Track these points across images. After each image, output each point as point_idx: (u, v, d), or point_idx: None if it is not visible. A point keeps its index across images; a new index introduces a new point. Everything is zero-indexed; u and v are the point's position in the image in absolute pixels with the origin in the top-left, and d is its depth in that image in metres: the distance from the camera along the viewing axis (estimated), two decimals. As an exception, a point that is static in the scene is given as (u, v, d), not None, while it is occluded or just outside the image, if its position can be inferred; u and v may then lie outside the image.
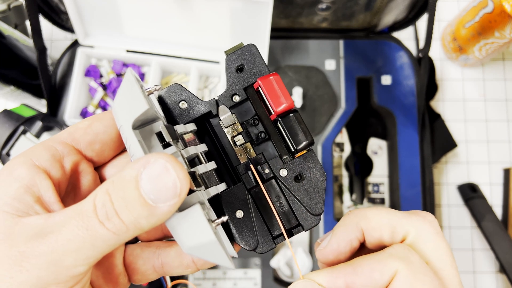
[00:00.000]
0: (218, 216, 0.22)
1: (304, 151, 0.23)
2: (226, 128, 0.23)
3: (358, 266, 0.20)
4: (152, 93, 0.21)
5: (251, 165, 0.23)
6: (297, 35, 0.62)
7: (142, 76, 0.61)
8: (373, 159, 0.64)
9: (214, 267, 0.56)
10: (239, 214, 0.22)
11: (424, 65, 0.56)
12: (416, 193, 0.58)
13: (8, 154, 0.49)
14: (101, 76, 0.61)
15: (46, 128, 0.49)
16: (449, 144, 0.64)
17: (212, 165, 0.22)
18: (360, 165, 0.64)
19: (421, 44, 0.65)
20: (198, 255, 0.19)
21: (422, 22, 0.67)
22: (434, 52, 0.69)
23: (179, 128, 0.22)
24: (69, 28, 0.61)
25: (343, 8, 0.56)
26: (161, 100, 0.23)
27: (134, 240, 0.25)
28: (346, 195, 0.64)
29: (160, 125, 0.20)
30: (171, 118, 0.23)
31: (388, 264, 0.19)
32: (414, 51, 0.68)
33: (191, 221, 0.18)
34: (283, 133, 0.23)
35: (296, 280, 0.21)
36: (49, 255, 0.17)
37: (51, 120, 0.53)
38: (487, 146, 0.67)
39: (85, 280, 0.18)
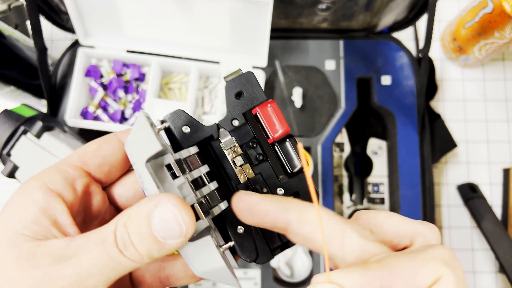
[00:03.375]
0: (224, 236, 0.24)
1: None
2: (226, 150, 0.25)
3: (397, 268, 0.17)
4: (162, 130, 0.23)
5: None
6: (297, 35, 0.62)
7: (142, 76, 0.61)
8: (373, 159, 0.64)
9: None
10: (240, 229, 0.24)
11: (424, 65, 0.56)
12: (416, 193, 0.58)
13: (8, 154, 0.49)
14: (101, 76, 0.61)
15: (47, 128, 0.49)
16: (449, 144, 0.64)
17: (214, 184, 0.24)
18: (360, 165, 0.64)
19: (421, 44, 0.65)
20: (208, 278, 0.21)
21: (422, 22, 0.67)
22: (434, 52, 0.70)
23: (184, 153, 0.23)
24: (69, 28, 0.61)
25: (343, 8, 0.56)
26: (164, 123, 0.25)
27: None
28: (346, 195, 0.64)
29: (171, 160, 0.22)
30: (175, 142, 0.24)
31: (433, 268, 0.17)
32: (414, 51, 0.68)
33: (203, 251, 0.20)
34: (280, 156, 0.24)
35: (319, 282, 0.18)
36: (74, 277, 0.18)
37: (52, 120, 0.53)
38: (487, 146, 0.67)
39: None
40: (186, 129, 0.24)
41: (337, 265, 0.20)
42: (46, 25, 0.58)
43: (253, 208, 0.21)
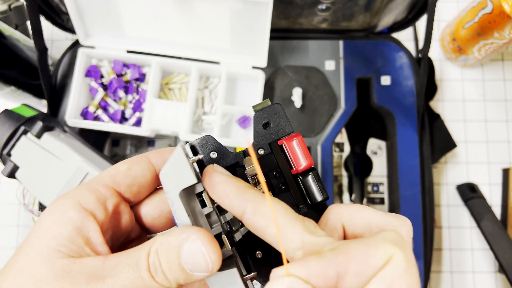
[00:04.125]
0: (242, 259, 0.25)
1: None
2: (250, 177, 0.25)
3: (350, 252, 0.18)
4: (195, 161, 0.24)
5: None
6: (297, 36, 0.62)
7: (142, 76, 0.61)
8: (373, 159, 0.64)
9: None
10: (259, 255, 0.25)
11: (423, 65, 0.56)
12: (415, 193, 0.58)
13: (9, 154, 0.49)
14: (101, 76, 0.61)
15: (47, 128, 0.50)
16: (448, 144, 0.64)
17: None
18: (359, 165, 0.64)
19: (421, 45, 0.65)
20: None
21: (421, 22, 0.68)
22: (434, 53, 0.70)
23: None
24: (69, 29, 0.62)
25: (343, 8, 0.56)
26: (193, 148, 0.26)
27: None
28: (346, 195, 0.64)
29: (201, 190, 0.23)
30: (203, 167, 0.25)
31: (384, 249, 0.18)
32: (413, 52, 0.68)
33: (228, 282, 0.22)
34: (302, 188, 0.26)
35: (278, 276, 0.18)
36: None
37: (52, 120, 0.53)
38: (486, 146, 0.67)
39: None
40: (214, 155, 0.25)
41: (291, 260, 0.20)
42: (46, 26, 0.58)
43: (215, 187, 0.22)
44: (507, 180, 0.64)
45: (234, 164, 0.25)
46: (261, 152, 0.26)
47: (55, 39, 0.71)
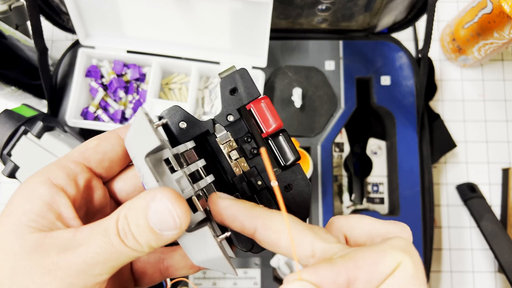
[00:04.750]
0: (221, 227, 0.24)
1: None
2: (222, 144, 0.25)
3: (360, 259, 0.18)
4: (160, 126, 0.24)
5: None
6: (297, 36, 0.62)
7: (143, 76, 0.61)
8: (373, 159, 0.64)
9: (214, 267, 0.57)
10: None
11: (423, 65, 0.56)
12: (415, 193, 0.58)
13: (9, 154, 0.49)
14: (101, 76, 0.61)
15: (47, 128, 0.50)
16: (448, 144, 0.64)
17: (211, 177, 0.25)
18: (359, 165, 0.64)
19: (421, 45, 0.65)
20: (207, 267, 0.22)
21: (421, 22, 0.68)
22: (433, 53, 0.70)
23: (181, 148, 0.24)
24: (70, 29, 0.62)
25: (343, 9, 0.56)
26: (162, 120, 0.26)
27: None
28: (346, 195, 0.64)
29: (169, 155, 0.23)
30: (172, 137, 0.25)
31: (392, 255, 0.18)
32: (413, 52, 0.68)
33: (201, 241, 0.21)
34: (274, 150, 0.25)
35: (290, 280, 0.19)
36: (81, 265, 0.19)
37: (52, 120, 0.53)
38: (486, 146, 0.67)
39: (104, 285, 0.21)
40: (183, 125, 0.25)
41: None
42: (46, 26, 0.58)
43: (223, 212, 0.22)
44: (507, 180, 0.65)
45: (205, 132, 0.25)
46: (231, 118, 0.26)
47: (55, 39, 0.71)
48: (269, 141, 0.25)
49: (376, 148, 0.64)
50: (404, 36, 0.69)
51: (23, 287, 0.20)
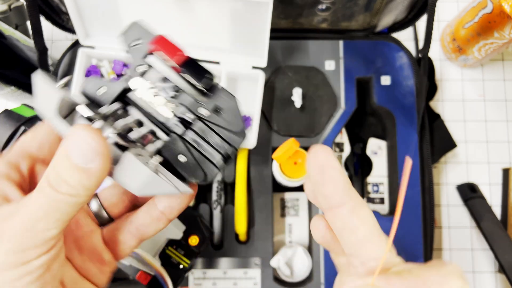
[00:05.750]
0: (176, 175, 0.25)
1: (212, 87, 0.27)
2: (143, 95, 0.26)
3: (428, 279, 0.20)
4: (66, 85, 0.24)
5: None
6: (297, 36, 0.62)
7: (142, 76, 0.61)
8: (373, 159, 0.64)
9: (214, 267, 0.57)
10: (182, 158, 0.25)
11: (423, 65, 0.56)
12: (415, 193, 0.58)
13: (9, 154, 0.49)
14: (102, 76, 0.61)
15: (47, 128, 0.50)
16: (448, 144, 0.64)
17: (144, 129, 0.26)
18: (359, 165, 0.64)
19: (421, 45, 0.65)
20: (149, 193, 0.22)
21: (421, 22, 0.68)
22: (434, 53, 0.70)
23: (104, 109, 0.25)
24: (69, 29, 0.62)
25: (343, 8, 0.56)
26: (84, 95, 0.26)
27: (109, 221, 0.29)
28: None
29: (81, 106, 0.23)
30: (97, 106, 0.26)
31: (455, 282, 0.20)
32: (413, 52, 0.68)
33: (128, 167, 0.22)
34: (187, 79, 0.26)
35: (357, 283, 0.20)
36: (23, 223, 0.20)
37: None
38: (486, 146, 0.67)
39: (59, 246, 0.22)
40: (102, 90, 0.26)
41: (352, 266, 0.22)
42: (46, 26, 0.58)
43: (328, 170, 0.21)
44: (507, 180, 0.64)
45: (124, 90, 0.26)
46: (141, 68, 0.27)
47: (55, 39, 0.71)
48: (184, 74, 0.26)
49: (376, 148, 0.64)
50: (404, 36, 0.69)
51: None
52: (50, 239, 0.21)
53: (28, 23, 0.63)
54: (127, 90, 0.26)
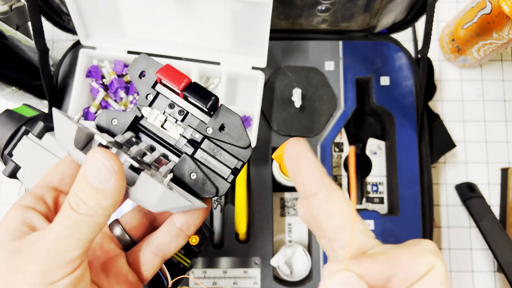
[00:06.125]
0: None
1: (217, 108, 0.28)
2: (153, 121, 0.29)
3: (400, 258, 0.20)
4: (79, 119, 0.26)
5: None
6: (296, 36, 0.62)
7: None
8: (372, 159, 0.64)
9: (215, 266, 0.57)
10: (194, 176, 0.28)
11: (422, 66, 0.56)
12: (414, 192, 0.58)
13: (10, 154, 0.49)
14: (102, 76, 0.61)
15: (48, 128, 0.50)
16: (447, 144, 0.64)
17: (157, 153, 0.28)
18: (359, 165, 0.64)
19: (420, 45, 0.66)
20: (164, 208, 0.24)
21: (420, 23, 0.68)
22: (433, 53, 0.70)
23: (118, 138, 0.26)
24: (70, 29, 0.62)
25: (343, 9, 0.56)
26: (98, 127, 0.29)
27: (132, 244, 0.30)
28: (345, 195, 0.64)
29: (99, 138, 0.24)
30: (112, 136, 0.28)
31: (427, 257, 0.20)
32: (413, 52, 0.68)
33: (143, 186, 0.23)
34: (193, 102, 0.28)
35: (335, 270, 0.20)
36: (48, 245, 0.21)
37: (53, 120, 0.53)
38: (485, 146, 0.67)
39: (83, 267, 0.23)
40: (115, 122, 0.28)
41: (332, 250, 0.22)
42: (47, 26, 0.58)
43: (302, 161, 0.22)
44: (506, 180, 0.65)
45: (134, 119, 0.28)
46: (150, 97, 0.29)
47: (56, 40, 0.71)
48: (187, 98, 0.28)
49: (375, 148, 0.64)
50: (404, 37, 0.69)
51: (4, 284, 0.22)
52: (73, 260, 0.22)
53: (29, 23, 0.64)
54: (138, 118, 0.29)
